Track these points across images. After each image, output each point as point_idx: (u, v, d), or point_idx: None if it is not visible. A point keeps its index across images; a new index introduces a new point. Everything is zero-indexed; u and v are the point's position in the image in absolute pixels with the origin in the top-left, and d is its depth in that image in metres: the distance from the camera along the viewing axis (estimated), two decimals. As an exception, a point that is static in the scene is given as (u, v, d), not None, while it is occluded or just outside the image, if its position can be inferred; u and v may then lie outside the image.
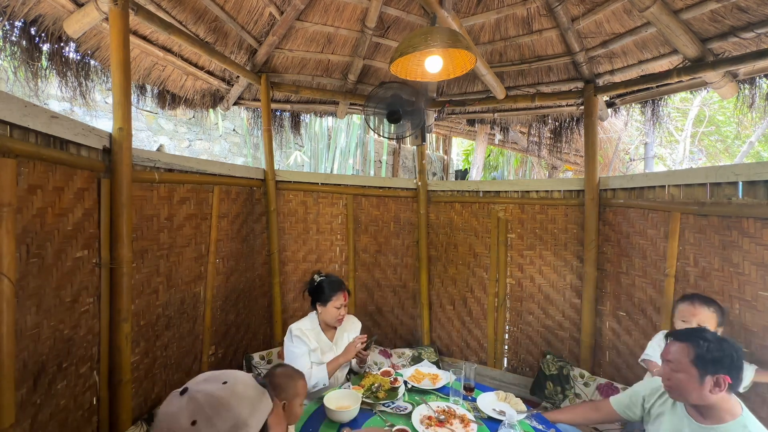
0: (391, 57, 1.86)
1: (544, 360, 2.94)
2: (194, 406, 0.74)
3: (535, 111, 3.41)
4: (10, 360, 1.17)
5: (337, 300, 2.17)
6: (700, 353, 1.30)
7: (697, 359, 1.30)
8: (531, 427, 1.73)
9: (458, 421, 1.68)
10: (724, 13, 2.07)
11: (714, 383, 1.28)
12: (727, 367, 1.27)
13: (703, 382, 1.29)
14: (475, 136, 6.77)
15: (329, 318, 2.19)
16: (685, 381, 1.32)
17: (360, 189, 3.40)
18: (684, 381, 1.33)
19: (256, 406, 0.78)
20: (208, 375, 0.83)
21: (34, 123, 1.29)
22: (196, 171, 2.33)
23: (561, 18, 2.61)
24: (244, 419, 0.75)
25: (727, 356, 1.27)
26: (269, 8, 2.65)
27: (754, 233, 1.71)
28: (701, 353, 1.29)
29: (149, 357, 2.01)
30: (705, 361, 1.28)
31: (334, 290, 2.18)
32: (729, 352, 1.28)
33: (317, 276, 2.26)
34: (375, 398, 1.86)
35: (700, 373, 1.29)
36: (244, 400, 0.77)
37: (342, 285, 2.23)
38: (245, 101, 3.40)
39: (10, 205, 1.17)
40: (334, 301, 2.17)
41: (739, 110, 2.47)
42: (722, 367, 1.27)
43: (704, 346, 1.30)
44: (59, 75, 2.20)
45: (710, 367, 1.28)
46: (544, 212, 3.03)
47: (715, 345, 1.29)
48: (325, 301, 2.18)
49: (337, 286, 2.20)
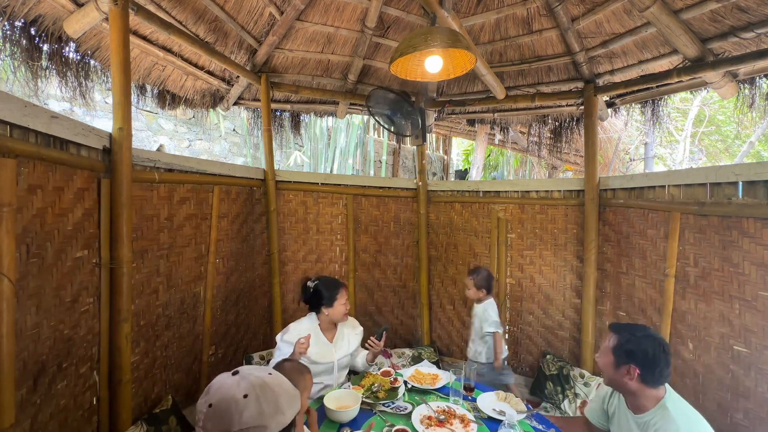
0: (391, 57, 1.86)
1: (544, 360, 2.94)
2: (247, 384, 0.85)
3: (535, 111, 3.41)
4: (10, 360, 1.17)
5: (342, 297, 2.15)
6: (620, 343, 1.46)
7: (615, 348, 1.47)
8: (531, 427, 1.73)
9: (458, 421, 1.68)
10: (724, 13, 2.07)
11: (626, 372, 1.43)
12: (640, 360, 1.40)
13: (618, 369, 1.45)
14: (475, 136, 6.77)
15: (338, 317, 2.15)
16: (604, 364, 1.51)
17: (360, 189, 3.40)
18: (603, 364, 1.52)
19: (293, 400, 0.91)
20: (256, 366, 0.96)
21: (34, 123, 1.29)
22: (196, 171, 2.33)
23: (561, 18, 2.61)
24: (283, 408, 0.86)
25: (641, 350, 1.41)
26: (269, 8, 2.65)
27: (754, 233, 1.71)
28: (621, 343, 1.46)
29: (149, 357, 2.01)
30: (620, 351, 1.45)
31: (336, 289, 2.16)
32: (645, 347, 1.41)
33: (310, 282, 2.19)
34: (375, 398, 1.86)
35: (615, 361, 1.46)
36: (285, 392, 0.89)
37: (340, 282, 2.23)
38: (245, 101, 3.40)
39: (10, 205, 1.17)
40: (339, 299, 2.14)
41: (739, 110, 2.46)
42: (633, 359, 1.41)
43: (625, 337, 1.46)
44: (59, 75, 2.20)
45: (623, 357, 1.44)
46: (544, 212, 3.03)
47: (633, 339, 1.44)
48: (330, 303, 2.15)
49: (337, 285, 2.19)
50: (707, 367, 1.91)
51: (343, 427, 1.67)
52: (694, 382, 1.97)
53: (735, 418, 1.75)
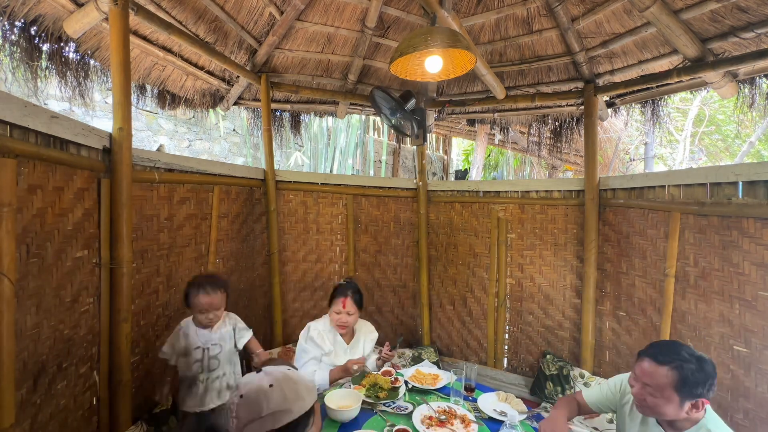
0: (391, 57, 1.86)
1: (544, 360, 2.94)
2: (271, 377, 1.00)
3: (535, 111, 3.41)
4: (10, 360, 1.17)
5: (335, 305, 2.15)
6: (683, 378, 1.22)
7: (680, 385, 1.22)
8: (532, 427, 1.73)
9: (459, 422, 1.68)
10: (724, 13, 2.07)
11: (692, 405, 1.23)
12: (708, 389, 1.22)
13: (683, 405, 1.23)
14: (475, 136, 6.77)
15: (332, 322, 2.18)
16: (663, 405, 1.25)
17: (360, 189, 3.40)
18: (661, 405, 1.26)
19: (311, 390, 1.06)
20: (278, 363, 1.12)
21: (34, 123, 1.29)
22: (196, 171, 2.33)
23: (561, 18, 2.61)
24: (303, 394, 1.01)
25: (709, 377, 1.22)
26: (269, 8, 2.65)
27: (754, 233, 1.71)
28: (684, 378, 1.22)
29: (149, 357, 2.01)
30: (688, 386, 1.21)
31: (338, 294, 2.17)
32: (710, 372, 1.22)
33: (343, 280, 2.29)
34: (375, 398, 1.86)
35: (681, 398, 1.22)
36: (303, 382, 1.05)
37: (348, 291, 2.17)
38: (245, 101, 3.40)
39: (10, 205, 1.17)
40: (333, 306, 2.16)
41: (739, 110, 2.46)
42: (704, 390, 1.21)
43: (687, 369, 1.22)
44: (59, 75, 2.20)
45: (693, 392, 1.22)
46: (544, 212, 3.03)
47: (696, 367, 1.22)
48: (329, 305, 2.19)
49: (339, 292, 2.17)
50: (707, 367, 1.91)
51: (344, 426, 1.67)
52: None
53: (735, 418, 1.75)
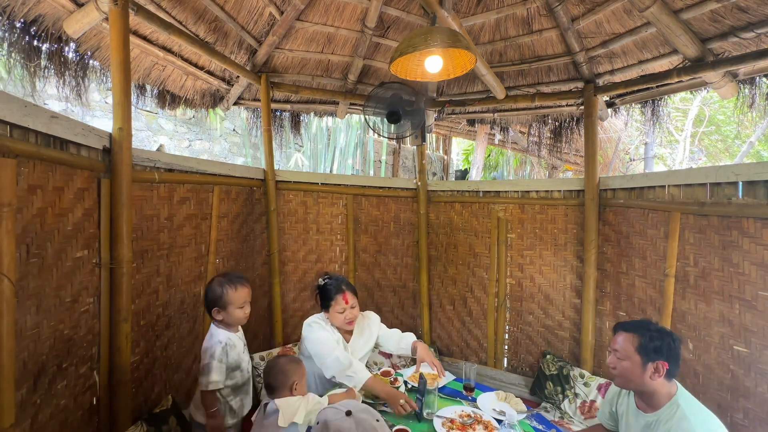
0: (391, 57, 1.86)
1: (544, 360, 2.94)
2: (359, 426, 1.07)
3: (535, 111, 3.41)
4: (10, 360, 1.17)
5: (336, 305, 2.03)
6: (644, 342, 1.44)
7: (641, 347, 1.43)
8: (531, 427, 1.73)
9: (482, 427, 1.66)
10: (724, 13, 2.07)
11: (654, 369, 1.41)
12: (666, 354, 1.41)
13: (645, 368, 1.42)
14: (475, 136, 6.78)
15: (338, 324, 2.07)
16: (629, 367, 1.45)
17: (360, 189, 3.40)
18: (628, 367, 1.46)
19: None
20: (365, 407, 1.18)
21: (34, 123, 1.29)
22: (196, 171, 2.33)
23: (561, 18, 2.61)
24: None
25: (665, 344, 1.42)
26: (269, 8, 2.65)
27: (754, 233, 1.71)
28: (645, 342, 1.44)
29: (149, 357, 2.01)
30: (647, 349, 1.42)
31: (333, 294, 2.05)
32: (668, 341, 1.43)
33: (321, 279, 2.15)
34: (375, 398, 1.86)
35: (643, 360, 1.42)
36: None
37: (342, 285, 2.08)
38: (245, 101, 3.40)
39: (10, 205, 1.17)
40: (334, 306, 2.03)
41: (739, 110, 2.46)
42: (661, 355, 1.41)
43: (647, 334, 1.44)
44: (58, 75, 2.20)
45: (651, 355, 1.41)
46: (544, 212, 3.03)
47: (657, 335, 1.44)
48: (327, 307, 2.07)
49: (336, 289, 2.06)
50: (707, 367, 1.91)
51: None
52: (694, 382, 1.97)
53: (735, 418, 1.75)
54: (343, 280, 2.14)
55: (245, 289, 1.76)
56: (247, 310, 1.79)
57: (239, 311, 1.74)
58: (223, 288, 1.72)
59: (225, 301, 1.72)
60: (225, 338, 1.73)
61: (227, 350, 1.71)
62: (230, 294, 1.72)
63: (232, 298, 1.72)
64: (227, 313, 1.73)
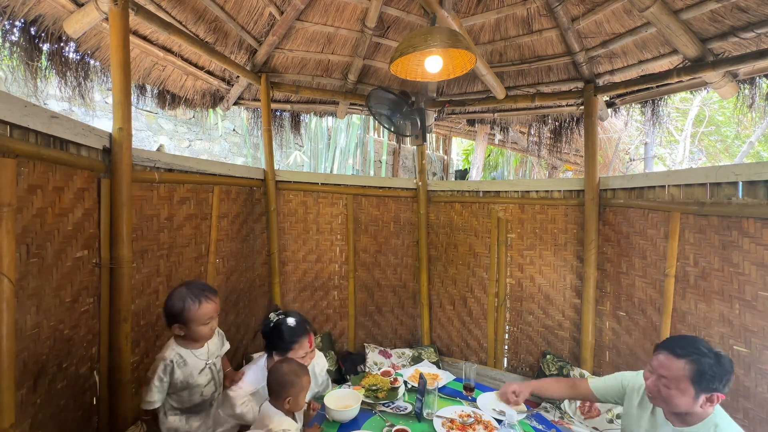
0: (391, 57, 1.86)
1: (544, 360, 2.94)
2: None
3: (535, 111, 3.41)
4: (10, 360, 1.17)
5: (299, 348, 1.73)
6: (700, 371, 1.24)
7: (696, 377, 1.24)
8: (531, 427, 1.73)
9: (482, 427, 1.66)
10: (724, 13, 2.07)
11: (707, 399, 1.24)
12: (724, 384, 1.23)
13: (698, 399, 1.25)
14: (475, 136, 6.77)
15: None
16: (678, 397, 1.27)
17: (360, 189, 3.40)
18: (676, 397, 1.28)
19: None
20: None
21: (34, 123, 1.29)
22: (196, 171, 2.33)
23: (561, 18, 2.61)
24: None
25: (726, 373, 1.23)
26: (269, 8, 2.65)
27: (754, 233, 1.71)
28: (701, 371, 1.23)
29: (149, 357, 2.01)
30: (705, 379, 1.23)
31: (293, 339, 1.73)
32: (727, 367, 1.24)
33: (273, 315, 1.83)
34: (375, 398, 1.86)
35: (697, 391, 1.25)
36: None
37: (306, 327, 1.79)
38: (245, 101, 3.40)
39: (10, 205, 1.17)
40: (295, 351, 1.72)
41: (739, 110, 2.46)
42: (720, 384, 1.23)
43: (705, 363, 1.24)
44: (59, 75, 2.20)
45: (709, 385, 1.24)
46: (544, 212, 3.03)
47: (714, 361, 1.24)
48: (284, 350, 1.72)
49: (301, 330, 1.76)
50: (707, 367, 1.91)
51: (343, 427, 1.67)
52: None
53: (735, 418, 1.73)
54: (303, 316, 1.86)
55: (210, 305, 1.56)
56: (214, 326, 1.61)
57: (203, 328, 1.55)
58: (185, 303, 1.52)
59: (186, 317, 1.52)
60: (173, 356, 1.54)
61: (172, 368, 1.53)
62: (192, 311, 1.52)
63: (195, 315, 1.52)
64: (189, 330, 1.54)
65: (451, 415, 1.73)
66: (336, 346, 3.40)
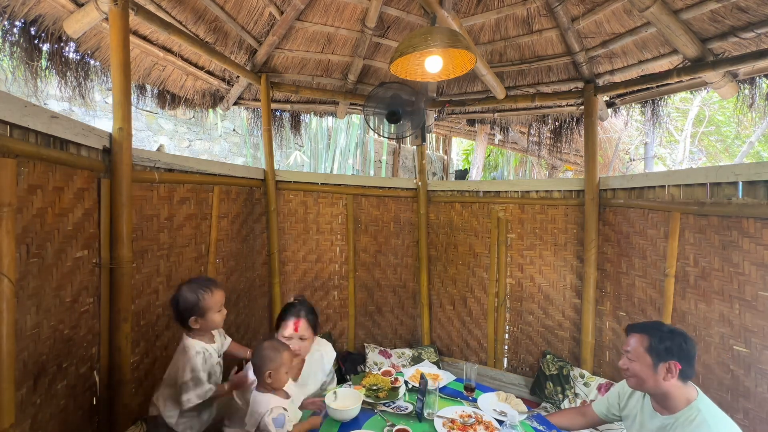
0: (391, 57, 1.86)
1: (544, 360, 2.94)
2: None
3: (535, 111, 3.41)
4: (10, 360, 1.17)
5: (285, 328, 1.84)
6: (654, 342, 1.43)
7: (651, 348, 1.43)
8: (532, 428, 1.73)
9: (483, 428, 1.66)
10: (724, 13, 2.07)
11: (666, 370, 1.40)
12: (677, 354, 1.39)
13: (657, 369, 1.41)
14: (475, 136, 6.77)
15: None
16: (641, 368, 1.45)
17: (360, 189, 3.40)
18: (640, 368, 1.45)
19: None
20: None
21: (34, 123, 1.29)
22: (196, 171, 2.33)
23: (561, 18, 2.61)
24: None
25: (676, 344, 1.40)
26: (269, 8, 2.65)
27: (754, 233, 1.71)
28: (655, 342, 1.43)
29: (149, 357, 2.01)
30: (658, 349, 1.42)
31: (284, 317, 1.87)
32: (679, 341, 1.41)
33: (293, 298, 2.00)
34: (376, 398, 1.86)
35: (654, 360, 1.42)
36: None
37: (296, 311, 1.87)
38: (245, 101, 3.40)
39: (10, 205, 1.17)
40: (282, 330, 1.85)
41: (739, 110, 2.46)
42: (673, 355, 1.40)
43: (657, 334, 1.44)
44: (59, 75, 2.20)
45: (663, 355, 1.41)
46: (544, 212, 3.03)
47: (667, 335, 1.43)
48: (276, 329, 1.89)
49: (289, 312, 1.87)
50: (707, 367, 1.91)
51: (344, 426, 1.67)
52: (694, 382, 1.96)
53: (735, 418, 1.74)
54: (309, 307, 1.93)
55: (220, 291, 1.69)
56: (224, 313, 1.72)
57: (218, 315, 1.67)
58: (198, 294, 1.62)
59: (202, 307, 1.62)
60: (200, 347, 1.64)
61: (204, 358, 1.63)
62: (207, 299, 1.62)
63: (210, 302, 1.63)
64: (205, 320, 1.64)
65: (451, 416, 1.73)
66: (336, 346, 3.40)
